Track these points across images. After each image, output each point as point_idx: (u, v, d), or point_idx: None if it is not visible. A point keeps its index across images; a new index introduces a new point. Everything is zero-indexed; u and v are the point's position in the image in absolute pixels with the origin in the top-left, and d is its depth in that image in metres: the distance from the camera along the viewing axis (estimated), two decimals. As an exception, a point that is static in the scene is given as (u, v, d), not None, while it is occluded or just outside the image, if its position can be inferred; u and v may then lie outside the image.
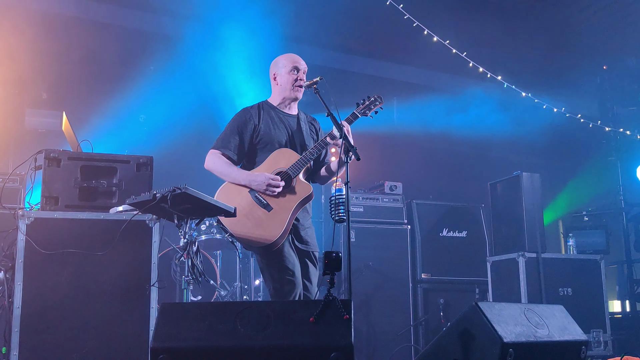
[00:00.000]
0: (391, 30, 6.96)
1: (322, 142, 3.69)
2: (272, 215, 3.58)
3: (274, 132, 3.79)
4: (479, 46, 7.16)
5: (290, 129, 3.85)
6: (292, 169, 3.66)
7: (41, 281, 3.60)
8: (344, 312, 2.54)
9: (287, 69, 3.84)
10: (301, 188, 3.65)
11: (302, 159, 3.67)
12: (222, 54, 6.98)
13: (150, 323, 3.63)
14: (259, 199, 3.61)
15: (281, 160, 3.71)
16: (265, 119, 3.82)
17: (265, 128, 3.79)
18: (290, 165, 3.67)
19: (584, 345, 3.38)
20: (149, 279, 3.76)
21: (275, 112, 3.88)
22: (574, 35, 7.81)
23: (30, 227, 3.65)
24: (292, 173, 3.65)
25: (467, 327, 3.08)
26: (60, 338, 3.55)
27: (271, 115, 3.85)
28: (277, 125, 3.83)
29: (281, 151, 3.75)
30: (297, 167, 3.66)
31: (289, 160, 3.69)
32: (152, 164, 4.12)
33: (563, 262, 6.00)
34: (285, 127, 3.84)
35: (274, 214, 3.58)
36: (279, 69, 3.88)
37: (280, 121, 3.85)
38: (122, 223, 3.72)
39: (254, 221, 3.58)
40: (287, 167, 3.67)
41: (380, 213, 6.51)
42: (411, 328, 6.23)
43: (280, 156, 3.73)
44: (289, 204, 3.60)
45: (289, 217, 3.57)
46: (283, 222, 3.55)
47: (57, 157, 3.91)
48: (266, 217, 3.58)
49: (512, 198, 6.14)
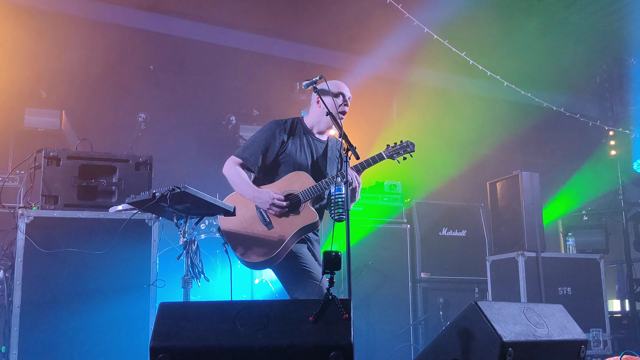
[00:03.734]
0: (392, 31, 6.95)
1: (332, 178, 3.57)
2: (271, 234, 3.53)
3: (299, 154, 3.74)
4: (479, 46, 7.16)
5: (316, 154, 3.79)
6: (303, 193, 3.60)
7: (41, 280, 3.60)
8: (344, 311, 2.54)
9: (332, 93, 3.68)
10: (307, 215, 3.57)
11: (316, 186, 3.60)
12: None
13: (150, 322, 3.63)
14: (262, 215, 3.57)
15: (296, 182, 3.65)
16: (294, 139, 3.77)
17: (292, 147, 3.74)
18: (302, 189, 3.61)
19: (584, 345, 3.38)
20: (149, 278, 3.77)
21: (307, 135, 3.82)
22: (574, 34, 7.81)
23: (30, 226, 3.66)
24: (303, 198, 3.59)
25: (466, 326, 3.08)
26: (60, 337, 3.55)
27: (301, 137, 3.79)
28: (304, 147, 3.77)
29: (298, 174, 3.68)
30: (308, 193, 3.59)
31: (303, 184, 3.62)
32: (152, 163, 4.13)
33: (562, 262, 6.00)
34: (313, 151, 3.79)
35: (273, 233, 3.53)
36: (325, 95, 3.68)
37: (308, 145, 3.79)
38: (122, 222, 3.73)
39: (252, 236, 3.54)
40: (299, 190, 3.61)
41: (380, 212, 6.51)
42: (411, 327, 6.22)
43: (296, 178, 3.66)
44: (290, 227, 3.54)
45: (287, 240, 3.50)
46: (279, 244, 3.49)
47: (56, 156, 3.91)
48: (265, 234, 3.53)
49: (512, 197, 6.14)
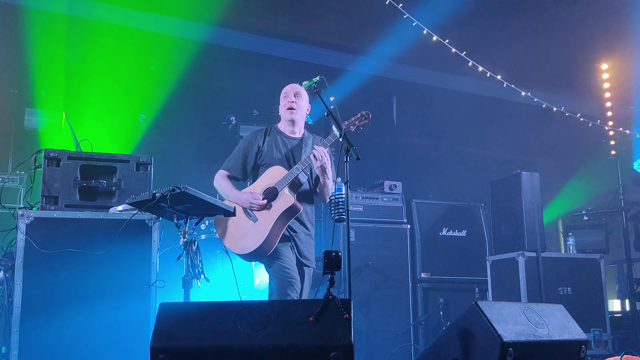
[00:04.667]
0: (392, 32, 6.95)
1: (306, 160, 3.96)
2: (256, 226, 3.89)
3: (275, 154, 4.11)
4: (479, 45, 7.15)
5: (291, 150, 4.15)
6: (278, 183, 3.95)
7: (41, 280, 3.60)
8: (344, 311, 2.54)
9: (281, 97, 4.22)
10: (284, 200, 3.91)
11: (289, 174, 3.95)
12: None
13: (150, 322, 3.63)
14: (248, 212, 3.95)
15: (271, 176, 4.01)
16: (269, 142, 4.15)
17: (268, 150, 4.12)
18: (277, 180, 3.96)
19: (584, 345, 3.38)
20: (149, 279, 3.77)
21: (280, 135, 4.19)
22: (574, 34, 7.81)
23: (30, 226, 3.66)
24: (278, 187, 3.94)
25: (466, 326, 3.09)
26: (60, 338, 3.55)
27: (275, 139, 4.16)
28: (279, 147, 4.13)
29: (273, 168, 4.04)
30: (283, 182, 3.94)
31: (278, 176, 3.98)
32: (152, 163, 4.13)
33: (563, 262, 5.99)
34: (287, 148, 4.14)
35: (258, 225, 3.89)
36: (280, 100, 4.24)
37: (282, 144, 4.15)
38: (122, 222, 3.73)
39: (241, 232, 3.91)
40: (274, 182, 3.97)
41: (380, 212, 6.50)
42: (411, 327, 6.22)
43: (271, 173, 4.03)
44: (271, 215, 3.89)
45: (271, 227, 3.84)
46: (265, 232, 3.84)
47: (56, 156, 3.91)
48: (252, 227, 3.89)
49: (512, 197, 6.14)
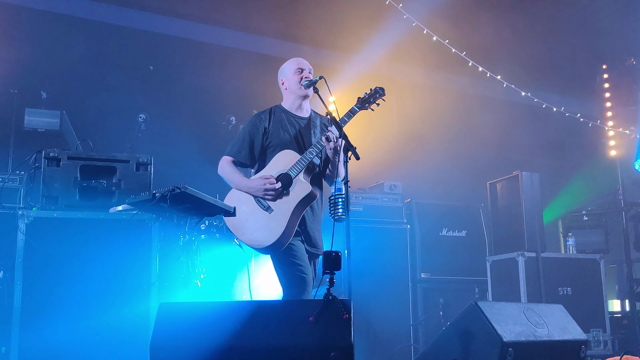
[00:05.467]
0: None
1: (318, 143, 3.68)
2: (272, 217, 3.60)
3: (282, 134, 3.81)
4: (479, 45, 7.15)
5: (299, 131, 3.85)
6: (292, 169, 3.66)
7: (41, 281, 3.60)
8: (344, 311, 2.54)
9: (292, 70, 3.89)
10: (300, 188, 3.64)
11: (302, 158, 3.66)
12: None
13: (150, 322, 3.63)
14: (261, 202, 3.64)
15: (282, 161, 3.71)
16: (275, 122, 3.84)
17: (275, 130, 3.82)
18: (290, 166, 3.67)
19: (584, 345, 3.38)
20: (149, 278, 3.77)
21: (286, 114, 3.89)
22: (574, 34, 7.81)
23: (30, 226, 3.66)
24: (292, 173, 3.66)
25: (466, 326, 3.09)
26: (60, 338, 3.55)
27: (281, 118, 3.86)
28: (286, 127, 3.84)
29: (283, 153, 3.75)
30: (296, 168, 3.65)
31: (290, 161, 3.68)
32: (152, 163, 4.13)
33: (562, 262, 6.00)
34: (295, 128, 3.85)
35: (274, 215, 3.60)
36: (285, 74, 3.93)
37: (289, 123, 3.86)
38: (122, 222, 3.73)
39: (256, 224, 3.61)
40: (287, 168, 3.67)
41: (380, 212, 6.50)
42: (411, 327, 6.21)
43: (282, 157, 3.73)
44: (288, 205, 3.61)
45: (288, 218, 3.57)
46: (283, 224, 3.56)
47: (56, 156, 3.91)
48: (267, 219, 3.61)
49: (512, 198, 6.15)
